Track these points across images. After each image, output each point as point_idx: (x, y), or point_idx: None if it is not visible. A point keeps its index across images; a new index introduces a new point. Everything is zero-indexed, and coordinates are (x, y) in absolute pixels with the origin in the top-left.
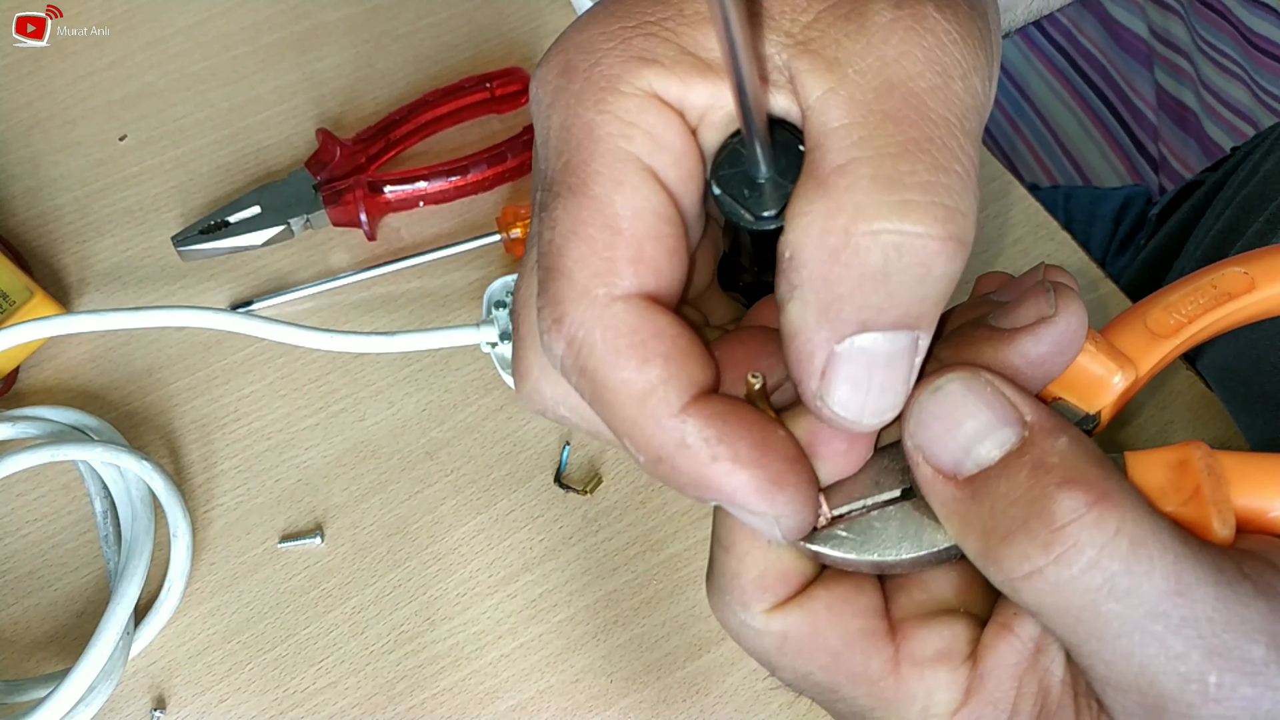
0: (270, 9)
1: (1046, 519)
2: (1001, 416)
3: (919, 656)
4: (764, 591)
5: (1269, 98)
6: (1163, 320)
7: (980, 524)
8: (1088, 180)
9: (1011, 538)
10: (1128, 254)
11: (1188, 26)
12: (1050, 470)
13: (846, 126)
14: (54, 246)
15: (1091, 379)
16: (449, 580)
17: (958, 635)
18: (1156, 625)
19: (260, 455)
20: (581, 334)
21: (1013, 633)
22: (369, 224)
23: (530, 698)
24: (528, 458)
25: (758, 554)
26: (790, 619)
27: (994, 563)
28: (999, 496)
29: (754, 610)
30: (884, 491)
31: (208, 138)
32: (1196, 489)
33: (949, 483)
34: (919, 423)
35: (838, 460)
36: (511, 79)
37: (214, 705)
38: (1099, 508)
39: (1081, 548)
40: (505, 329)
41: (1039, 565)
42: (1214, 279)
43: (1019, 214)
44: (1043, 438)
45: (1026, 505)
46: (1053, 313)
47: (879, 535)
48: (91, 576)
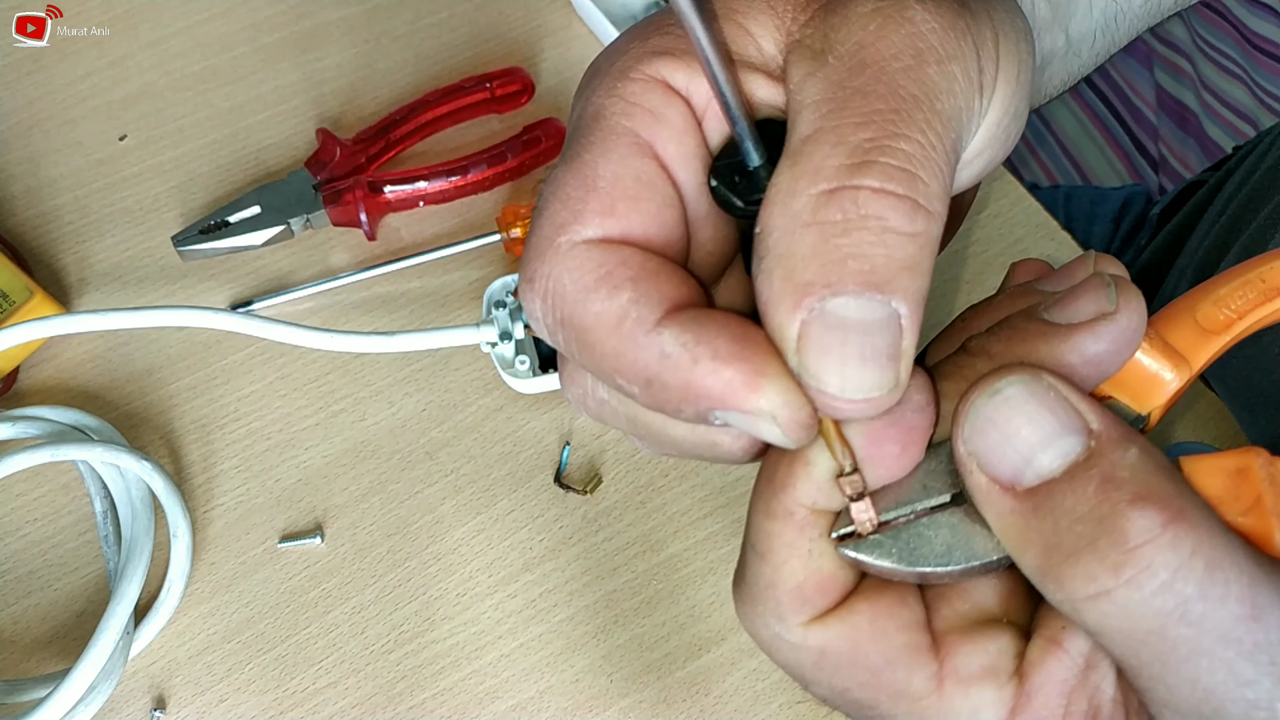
0: (270, 9)
1: (1118, 539)
2: (1066, 424)
3: (964, 673)
4: (802, 603)
5: (1269, 98)
6: (1213, 315)
7: (1042, 540)
8: (1088, 180)
9: (1077, 556)
10: (1128, 254)
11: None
12: (1120, 485)
13: (817, 102)
14: (54, 246)
15: (1145, 377)
16: (449, 580)
17: (1004, 650)
18: (1228, 651)
19: (260, 455)
20: (551, 284)
21: (1062, 648)
22: (369, 224)
23: (530, 698)
24: (528, 458)
25: (797, 562)
26: (830, 633)
27: (1055, 581)
28: (1064, 511)
29: (791, 623)
30: (932, 496)
31: (208, 138)
32: (1258, 499)
33: (1007, 494)
34: (974, 428)
35: (888, 463)
36: (511, 79)
37: (214, 705)
38: (1174, 528)
39: (1155, 570)
40: (505, 329)
41: (1107, 587)
42: (1262, 273)
43: (1019, 214)
44: (1111, 448)
45: (1095, 523)
46: (1113, 309)
47: (927, 544)
48: (91, 576)
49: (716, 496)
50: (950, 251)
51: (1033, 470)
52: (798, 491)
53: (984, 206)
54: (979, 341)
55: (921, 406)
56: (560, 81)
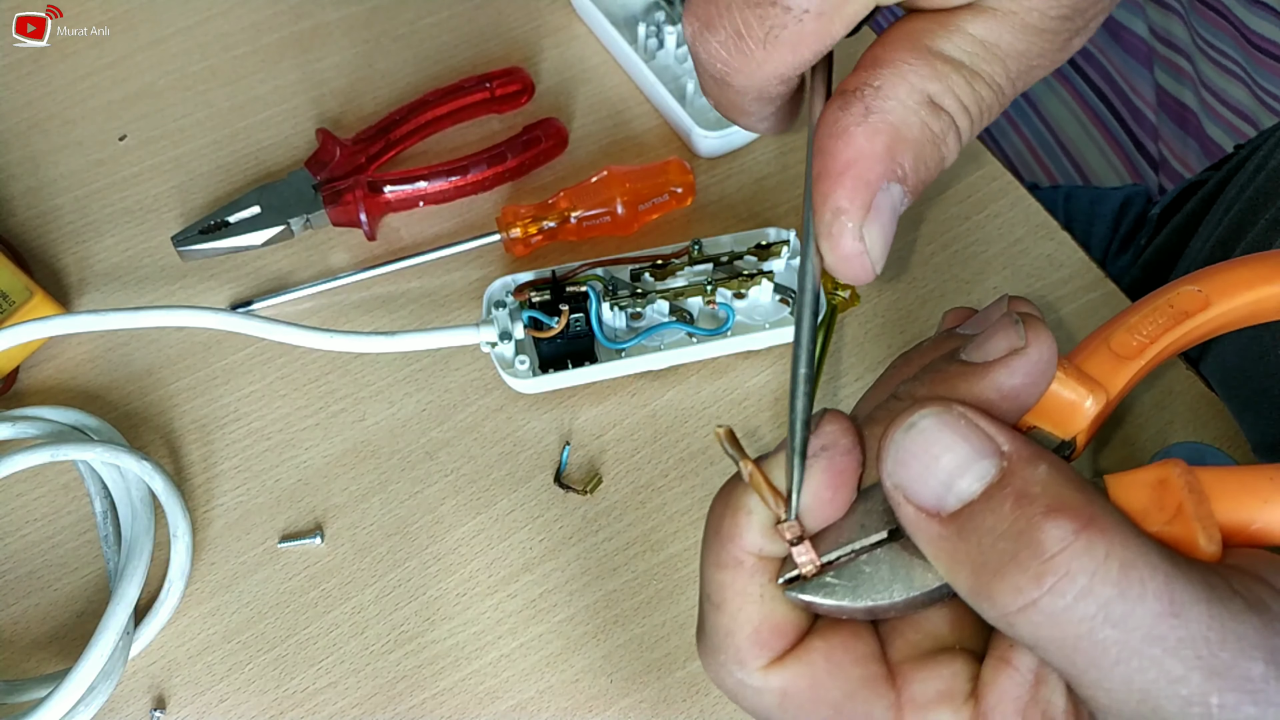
0: (270, 9)
1: (1035, 550)
2: (979, 449)
3: (921, 699)
4: (760, 648)
5: (1269, 98)
6: (1126, 342)
7: (969, 560)
8: (1088, 180)
9: (1002, 572)
10: (1128, 254)
11: (1187, 26)
12: (1034, 500)
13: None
14: (54, 246)
15: (1064, 405)
16: (449, 580)
17: (957, 674)
18: (1154, 649)
19: (260, 455)
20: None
21: (1011, 666)
22: (369, 224)
23: (530, 698)
24: (528, 458)
25: (751, 609)
26: (788, 674)
27: (986, 599)
28: (985, 531)
29: (751, 668)
30: (871, 534)
31: (208, 138)
32: (1179, 507)
33: (933, 520)
34: (897, 461)
35: (823, 507)
36: (511, 79)
37: (214, 705)
38: (1086, 534)
39: (1073, 576)
40: (505, 329)
41: (1032, 598)
42: (1170, 299)
43: (1019, 214)
44: (1022, 466)
45: (1014, 538)
46: (1023, 344)
47: (870, 580)
48: (91, 576)
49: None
50: (950, 252)
51: (954, 495)
52: (743, 540)
53: (984, 206)
54: (905, 387)
55: (848, 449)
56: (560, 81)
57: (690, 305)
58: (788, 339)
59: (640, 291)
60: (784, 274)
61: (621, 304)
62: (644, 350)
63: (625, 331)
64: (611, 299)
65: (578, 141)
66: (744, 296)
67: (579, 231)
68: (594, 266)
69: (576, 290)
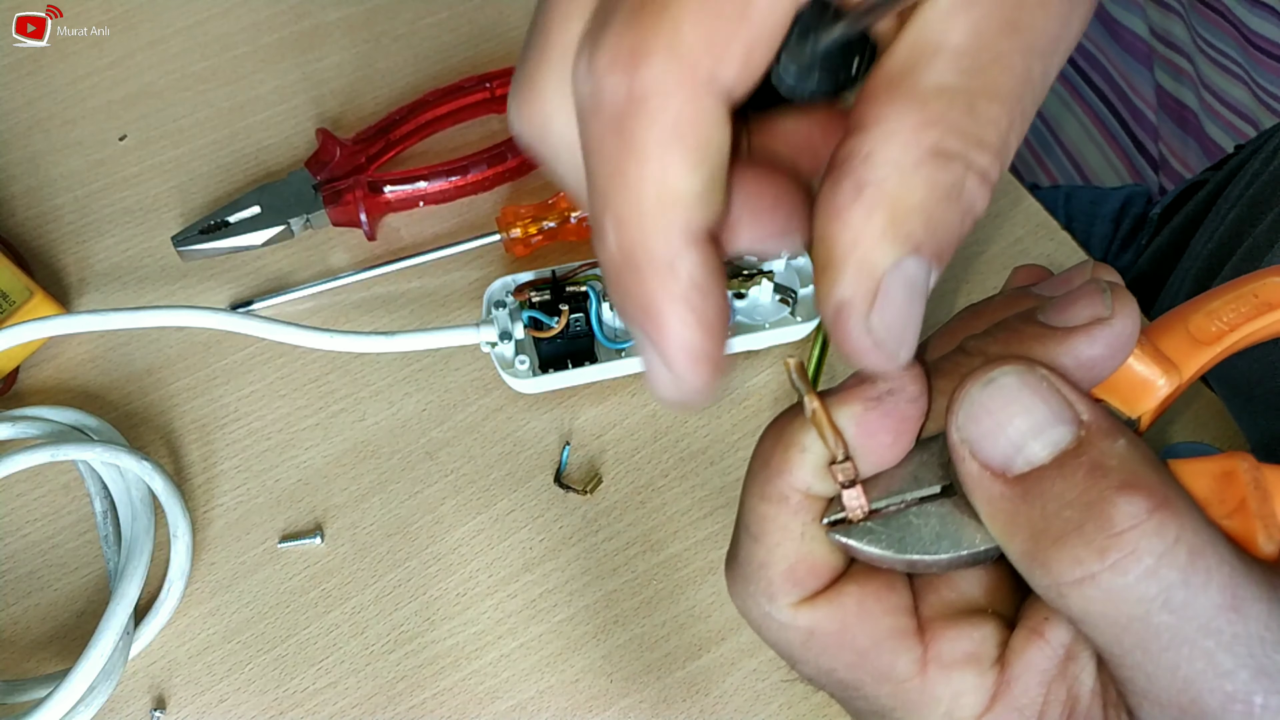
0: (270, 9)
1: (1104, 523)
2: (1058, 414)
3: (947, 658)
4: (793, 584)
5: (1269, 98)
6: (1205, 327)
7: (1029, 525)
8: (1088, 180)
9: (1064, 541)
10: (1128, 254)
11: (1188, 26)
12: (1108, 473)
13: (962, 52)
14: (54, 246)
15: (1136, 382)
16: (449, 580)
17: (987, 637)
18: (1208, 641)
19: (260, 455)
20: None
21: (1044, 639)
22: (369, 224)
23: (530, 698)
24: (528, 458)
25: (790, 545)
26: (818, 614)
27: (1042, 566)
28: (1052, 497)
29: (780, 604)
30: (923, 487)
31: (208, 138)
32: (1242, 502)
33: (997, 480)
34: (968, 416)
35: (880, 453)
36: (511, 79)
37: (214, 705)
38: (1159, 514)
39: (1140, 555)
40: (505, 329)
41: (1092, 571)
42: (1255, 288)
43: (1019, 214)
44: (1100, 438)
45: (1082, 508)
46: (1109, 314)
47: (916, 533)
48: (91, 576)
49: (716, 496)
50: None
51: (1023, 457)
52: (793, 476)
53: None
54: (976, 342)
55: (915, 397)
56: None
57: None
58: (788, 339)
59: None
60: (784, 274)
61: None
62: None
63: (625, 331)
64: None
65: None
66: (744, 296)
67: (579, 232)
68: (594, 266)
69: (576, 290)
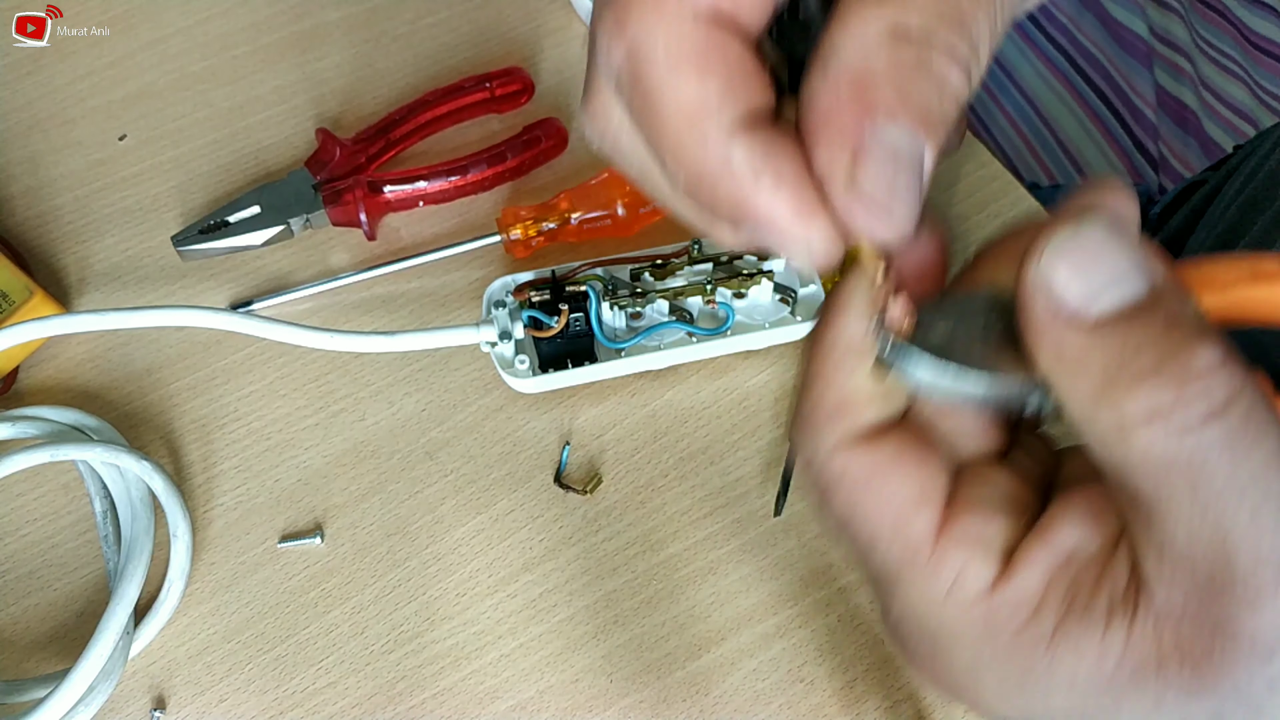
0: (270, 9)
1: (1184, 364)
2: (1137, 266)
3: (961, 535)
4: (835, 423)
5: (1269, 98)
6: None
7: (1100, 366)
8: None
9: (1140, 378)
10: None
11: (1187, 26)
12: (1185, 323)
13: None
14: (54, 246)
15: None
16: (449, 580)
17: (1003, 529)
18: (1256, 491)
19: (260, 455)
20: (643, 39)
21: (1051, 539)
22: (369, 224)
23: (530, 698)
24: (528, 458)
25: (835, 388)
26: (854, 457)
27: (1111, 404)
28: (1129, 339)
29: (824, 442)
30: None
31: (208, 138)
32: None
33: (1069, 325)
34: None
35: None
36: (511, 79)
37: (214, 705)
38: (1230, 364)
39: (1212, 395)
40: (505, 329)
41: (1166, 405)
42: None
43: (1019, 214)
44: (1176, 295)
45: (1160, 352)
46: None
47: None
48: (91, 576)
49: (716, 496)
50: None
51: (1099, 304)
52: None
53: (984, 206)
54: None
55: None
56: (560, 81)
57: (690, 305)
58: (788, 339)
59: (640, 291)
60: (784, 274)
61: (621, 304)
62: (644, 350)
63: (625, 331)
64: (611, 299)
65: (578, 141)
66: (744, 296)
67: (579, 233)
68: (594, 266)
69: (576, 290)
